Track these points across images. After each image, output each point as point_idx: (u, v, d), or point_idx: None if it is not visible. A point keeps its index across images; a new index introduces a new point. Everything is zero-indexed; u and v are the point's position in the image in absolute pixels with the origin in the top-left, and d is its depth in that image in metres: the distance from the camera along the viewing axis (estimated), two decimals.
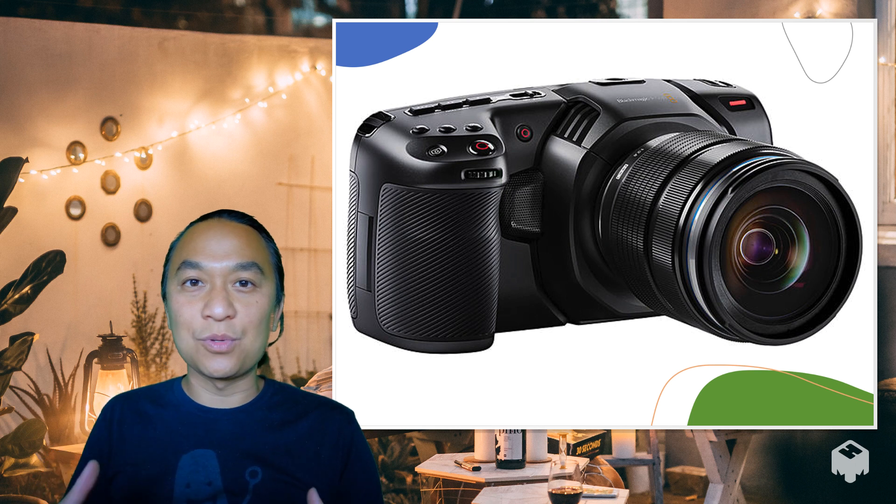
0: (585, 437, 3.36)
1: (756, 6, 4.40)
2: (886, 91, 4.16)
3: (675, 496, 4.63)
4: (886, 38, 4.20)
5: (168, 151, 4.86)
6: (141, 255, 4.79)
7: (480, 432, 3.04)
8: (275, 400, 1.68)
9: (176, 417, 1.65)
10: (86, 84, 4.71)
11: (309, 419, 1.67)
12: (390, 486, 4.31)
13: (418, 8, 6.34)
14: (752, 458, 3.64)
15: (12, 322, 3.73)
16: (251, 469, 1.62)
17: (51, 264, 3.67)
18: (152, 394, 1.69)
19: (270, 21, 5.94)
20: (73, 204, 4.65)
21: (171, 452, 1.62)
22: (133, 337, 4.65)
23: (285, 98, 5.10)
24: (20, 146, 4.45)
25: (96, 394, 3.23)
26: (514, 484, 2.82)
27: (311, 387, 3.09)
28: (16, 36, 4.58)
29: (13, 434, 3.60)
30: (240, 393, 1.67)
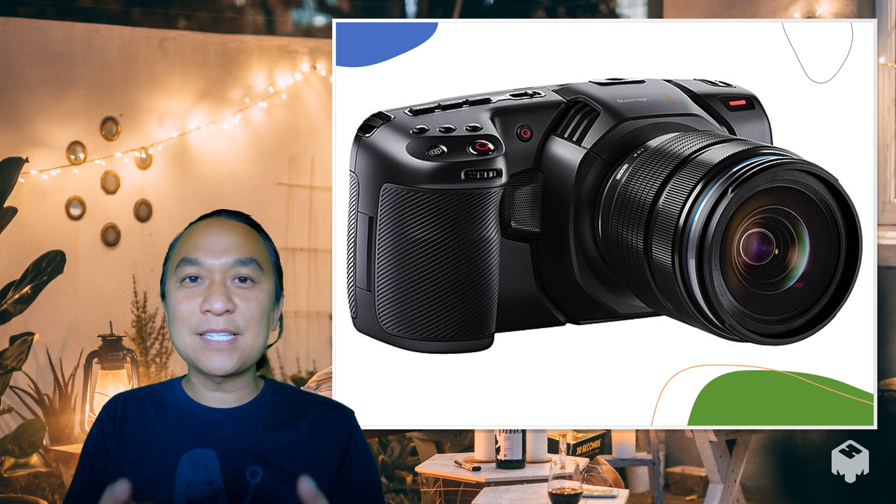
0: (585, 437, 3.36)
1: (756, 6, 4.40)
2: (886, 91, 4.16)
3: (675, 496, 4.63)
4: (886, 38, 4.19)
5: (168, 151, 4.85)
6: (141, 255, 4.79)
7: (480, 432, 3.04)
8: (275, 399, 1.69)
9: (176, 417, 1.65)
10: (86, 84, 4.70)
11: (309, 418, 1.67)
12: (390, 486, 4.31)
13: (418, 8, 6.34)
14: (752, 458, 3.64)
15: (12, 322, 3.73)
16: (252, 469, 1.62)
17: (51, 264, 3.67)
18: (153, 393, 1.69)
19: (270, 21, 5.94)
20: (73, 204, 4.65)
21: (171, 452, 1.62)
22: (133, 337, 4.65)
23: (285, 98, 5.10)
24: (20, 146, 4.45)
25: (96, 394, 3.24)
26: (514, 484, 2.82)
27: (311, 387, 3.09)
28: (16, 36, 4.57)
29: (13, 434, 3.60)
30: (239, 390, 1.67)
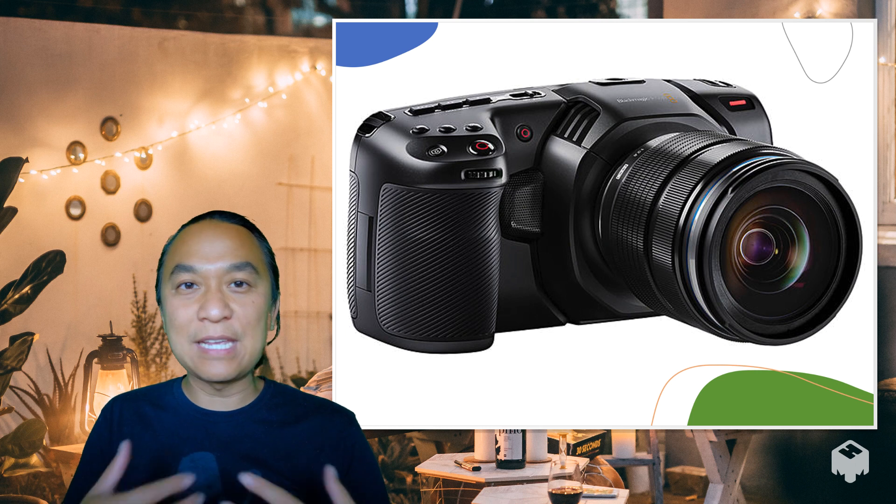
0: (585, 437, 3.36)
1: (756, 6, 4.40)
2: (886, 91, 4.16)
3: (675, 496, 4.63)
4: (886, 38, 4.19)
5: (168, 151, 4.85)
6: (141, 255, 4.79)
7: (480, 432, 3.04)
8: (274, 402, 1.68)
9: (175, 420, 1.64)
10: (86, 84, 4.70)
11: (309, 422, 1.66)
12: (390, 486, 4.31)
13: (418, 8, 6.34)
14: (752, 458, 3.64)
15: (12, 322, 3.73)
16: (250, 472, 1.61)
17: (51, 264, 3.67)
18: (152, 395, 1.68)
19: (270, 21, 5.94)
20: (73, 204, 4.65)
21: (170, 455, 1.61)
22: (133, 337, 4.65)
23: (285, 98, 5.10)
24: (20, 146, 4.45)
25: (96, 394, 3.23)
26: (514, 484, 2.82)
27: (310, 387, 3.08)
28: (16, 36, 4.57)
29: (13, 434, 3.60)
30: (238, 394, 1.66)
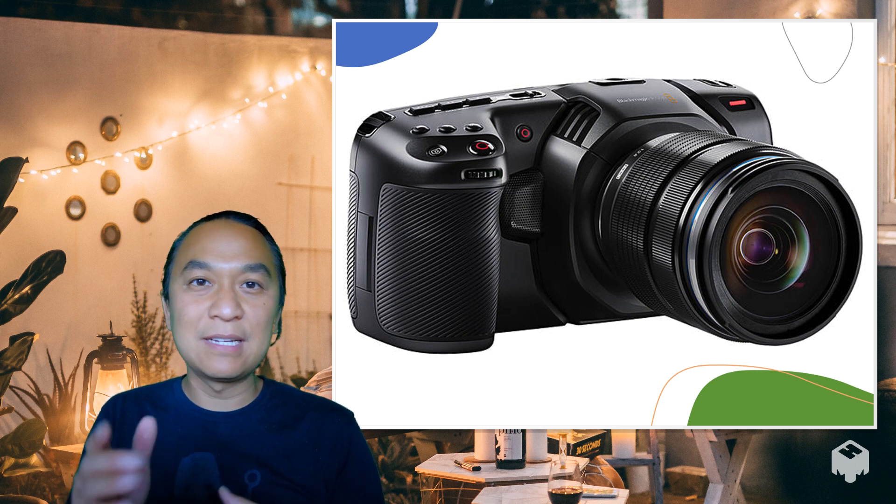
0: (585, 437, 3.36)
1: (756, 6, 4.40)
2: (886, 91, 4.16)
3: (675, 496, 4.63)
4: (886, 38, 4.19)
5: (168, 151, 4.85)
6: (141, 255, 4.79)
7: (480, 432, 3.04)
8: (274, 402, 1.68)
9: (175, 420, 1.64)
10: (86, 84, 4.70)
11: (308, 421, 1.67)
12: (390, 486, 4.31)
13: (418, 8, 6.34)
14: (752, 458, 3.64)
15: (12, 322, 3.73)
16: (250, 472, 1.61)
17: (51, 264, 3.67)
18: (152, 395, 1.68)
19: (270, 21, 5.94)
20: (73, 204, 4.65)
21: (170, 455, 1.61)
22: (133, 337, 4.65)
23: (285, 98, 5.10)
24: (20, 146, 4.45)
25: (96, 394, 3.24)
26: (514, 484, 2.82)
27: (310, 387, 3.09)
28: (16, 36, 4.57)
29: (13, 434, 3.60)
30: (238, 396, 1.66)
